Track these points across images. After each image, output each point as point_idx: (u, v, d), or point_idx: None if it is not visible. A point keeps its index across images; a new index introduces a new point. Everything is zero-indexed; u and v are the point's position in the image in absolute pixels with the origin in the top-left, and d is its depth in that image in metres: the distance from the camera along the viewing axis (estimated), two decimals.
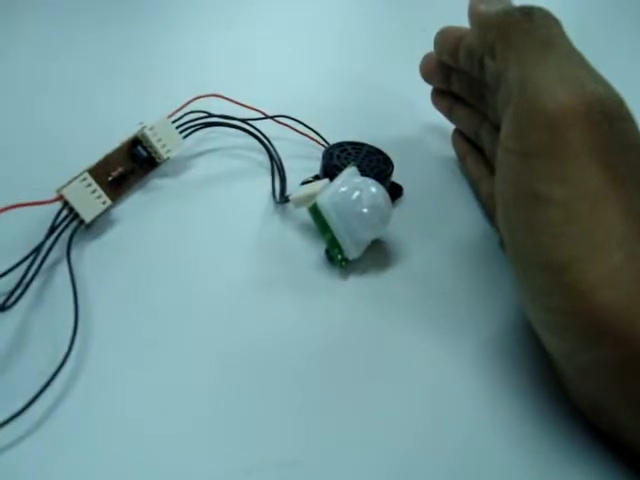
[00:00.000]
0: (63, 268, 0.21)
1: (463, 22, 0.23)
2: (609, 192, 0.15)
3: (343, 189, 0.21)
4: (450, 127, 0.29)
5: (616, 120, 0.15)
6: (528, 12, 0.18)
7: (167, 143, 0.26)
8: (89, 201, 0.22)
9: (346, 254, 0.22)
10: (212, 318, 0.20)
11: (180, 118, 0.27)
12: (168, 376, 0.18)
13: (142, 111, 0.27)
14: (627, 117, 0.16)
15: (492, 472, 0.16)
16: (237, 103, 0.28)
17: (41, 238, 0.21)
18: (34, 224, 0.22)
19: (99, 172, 0.23)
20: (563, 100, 0.15)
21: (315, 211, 0.21)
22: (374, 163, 0.25)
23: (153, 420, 0.17)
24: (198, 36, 0.40)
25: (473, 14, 0.20)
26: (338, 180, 0.22)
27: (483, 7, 0.20)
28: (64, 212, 0.21)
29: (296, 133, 0.29)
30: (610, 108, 0.16)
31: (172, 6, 0.45)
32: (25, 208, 0.19)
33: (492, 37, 0.19)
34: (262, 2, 0.47)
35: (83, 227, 0.22)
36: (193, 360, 0.19)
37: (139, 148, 0.25)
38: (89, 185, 0.22)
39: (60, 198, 0.21)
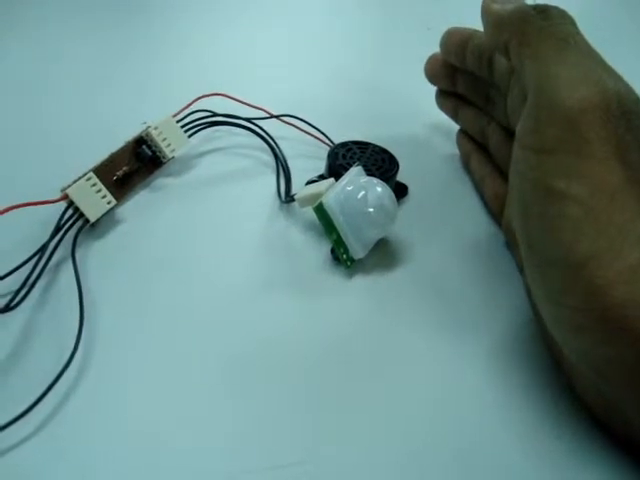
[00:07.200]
0: (68, 268, 0.21)
1: (468, 20, 0.23)
2: (627, 188, 0.15)
3: (348, 189, 0.21)
4: (455, 126, 0.29)
5: (634, 117, 0.15)
6: (544, 10, 0.18)
7: (172, 142, 0.26)
8: (94, 201, 0.22)
9: (352, 254, 0.22)
10: (217, 318, 0.20)
11: (185, 117, 0.27)
12: (173, 377, 0.18)
13: (147, 110, 0.27)
14: None
15: (498, 472, 0.16)
16: (242, 102, 0.28)
17: (46, 238, 0.21)
18: (39, 223, 0.22)
19: (104, 172, 0.23)
20: (583, 97, 0.15)
21: (320, 211, 0.21)
22: (379, 162, 0.25)
23: (158, 421, 0.17)
24: (203, 35, 0.40)
25: (486, 12, 0.20)
26: (343, 180, 0.22)
27: (497, 6, 0.20)
28: (69, 212, 0.21)
29: (301, 132, 0.28)
30: (629, 106, 0.15)
31: (176, 6, 0.45)
32: (30, 208, 0.19)
33: (506, 35, 0.19)
34: (267, 1, 0.46)
35: (88, 227, 0.22)
36: (198, 360, 0.19)
37: (144, 147, 0.25)
38: (94, 185, 0.22)
39: (65, 197, 0.21)
